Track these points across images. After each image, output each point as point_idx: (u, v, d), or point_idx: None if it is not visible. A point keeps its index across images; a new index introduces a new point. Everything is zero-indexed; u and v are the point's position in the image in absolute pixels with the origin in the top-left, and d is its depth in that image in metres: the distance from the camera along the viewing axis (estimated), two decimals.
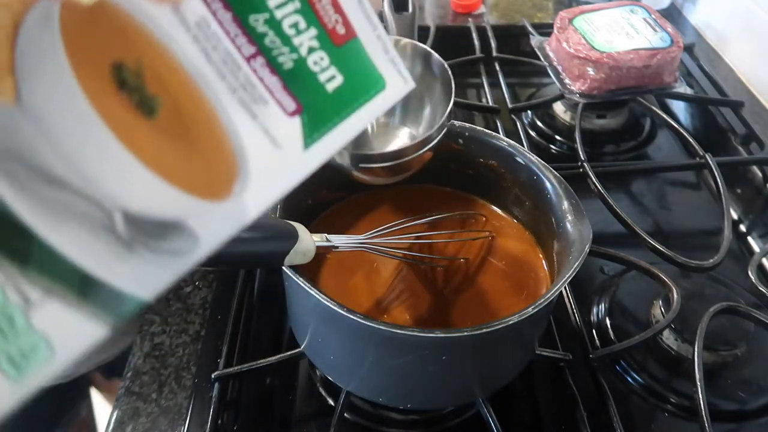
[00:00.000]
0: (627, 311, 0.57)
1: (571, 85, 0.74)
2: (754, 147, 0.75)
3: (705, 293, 0.56)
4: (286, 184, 0.25)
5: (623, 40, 0.73)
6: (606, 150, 0.78)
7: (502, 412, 0.46)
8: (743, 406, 0.51)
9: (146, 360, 0.53)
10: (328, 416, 0.46)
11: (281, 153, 0.24)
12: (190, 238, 0.22)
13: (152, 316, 0.56)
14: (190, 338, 0.54)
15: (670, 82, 0.74)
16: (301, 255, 0.40)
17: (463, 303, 0.47)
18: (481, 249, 0.51)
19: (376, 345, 0.41)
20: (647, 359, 0.53)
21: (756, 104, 0.80)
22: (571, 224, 0.44)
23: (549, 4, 1.05)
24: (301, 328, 0.47)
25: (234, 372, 0.49)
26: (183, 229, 0.22)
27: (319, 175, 0.50)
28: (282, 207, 0.44)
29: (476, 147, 0.52)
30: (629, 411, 0.50)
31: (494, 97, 0.81)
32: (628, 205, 0.70)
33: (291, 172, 0.25)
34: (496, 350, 0.42)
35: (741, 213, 0.70)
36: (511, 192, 0.52)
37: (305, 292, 0.39)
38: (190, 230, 0.22)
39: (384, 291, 0.48)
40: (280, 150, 0.24)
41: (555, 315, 0.54)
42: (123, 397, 0.50)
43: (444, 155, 0.53)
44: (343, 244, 0.43)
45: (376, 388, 0.45)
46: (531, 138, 0.79)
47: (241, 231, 0.24)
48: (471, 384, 0.45)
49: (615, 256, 0.57)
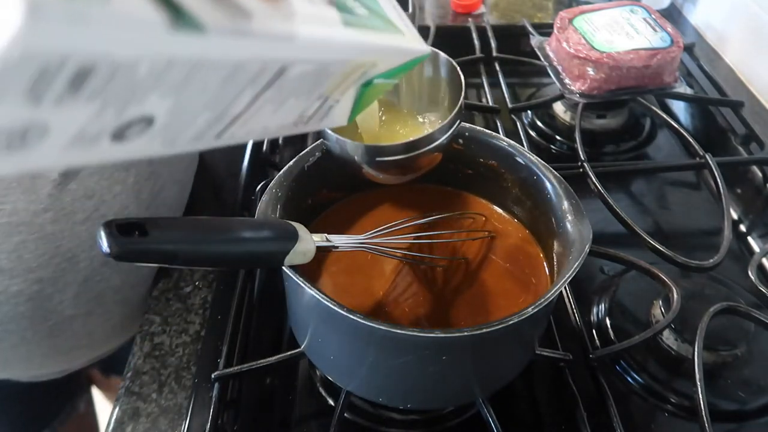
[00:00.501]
0: (627, 311, 0.57)
1: (571, 85, 0.74)
2: (754, 147, 0.75)
3: (705, 293, 0.56)
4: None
5: (623, 40, 0.73)
6: (606, 150, 0.78)
7: (502, 412, 0.46)
8: (743, 406, 0.51)
9: (146, 360, 0.53)
10: (328, 416, 0.46)
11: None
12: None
13: (152, 316, 0.56)
14: (190, 338, 0.54)
15: (670, 82, 0.74)
16: (301, 255, 0.40)
17: (463, 303, 0.47)
18: (481, 249, 0.51)
19: (376, 345, 0.41)
20: (647, 359, 0.53)
21: (756, 104, 0.80)
22: (571, 224, 0.44)
23: (549, 4, 1.05)
24: (301, 328, 0.47)
25: (234, 372, 0.49)
26: None
27: (319, 175, 0.50)
28: (282, 207, 0.44)
29: (476, 147, 0.52)
30: (629, 411, 0.50)
31: (494, 97, 0.81)
32: (628, 205, 0.70)
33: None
34: (496, 350, 0.42)
35: (741, 213, 0.70)
36: (511, 192, 0.52)
37: (305, 292, 0.39)
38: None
39: (384, 291, 0.48)
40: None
41: (555, 315, 0.54)
42: (123, 397, 0.50)
43: (444, 155, 0.53)
44: (343, 244, 0.43)
45: (376, 388, 0.45)
46: (531, 138, 0.79)
47: (241, 231, 0.24)
48: (471, 384, 0.45)
49: (615, 256, 0.57)
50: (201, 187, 0.68)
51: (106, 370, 0.83)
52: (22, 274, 0.50)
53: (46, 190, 0.49)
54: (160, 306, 0.57)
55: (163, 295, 0.58)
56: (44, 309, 0.53)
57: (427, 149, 0.43)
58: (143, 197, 0.56)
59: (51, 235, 0.50)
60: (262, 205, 0.44)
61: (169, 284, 0.59)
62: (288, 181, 0.46)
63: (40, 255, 0.50)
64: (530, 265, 0.50)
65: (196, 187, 0.67)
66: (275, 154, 0.75)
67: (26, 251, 0.50)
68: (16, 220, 0.48)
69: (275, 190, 0.45)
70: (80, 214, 0.51)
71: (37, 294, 0.52)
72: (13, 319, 0.52)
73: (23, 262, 0.50)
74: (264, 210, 0.43)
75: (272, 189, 0.45)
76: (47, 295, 0.52)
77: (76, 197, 0.51)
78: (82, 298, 0.55)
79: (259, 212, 0.43)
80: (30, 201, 0.49)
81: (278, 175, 0.46)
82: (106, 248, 0.32)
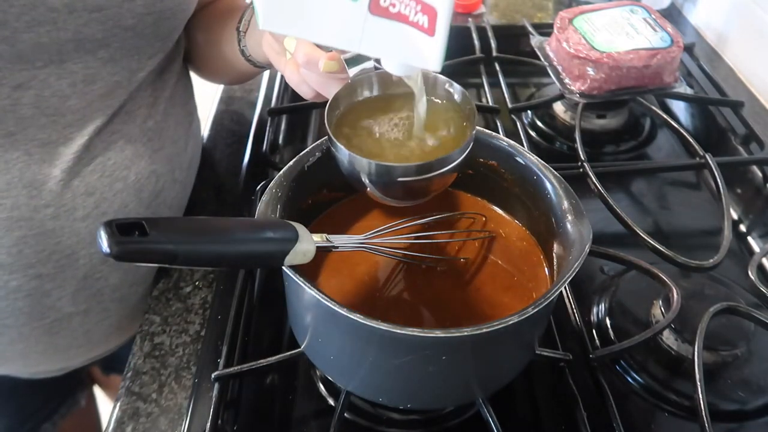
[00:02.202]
0: (627, 311, 0.57)
1: (571, 85, 0.74)
2: (754, 147, 0.75)
3: (705, 293, 0.56)
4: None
5: (623, 40, 0.73)
6: (606, 150, 0.78)
7: (502, 412, 0.46)
8: (743, 406, 0.51)
9: (146, 360, 0.53)
10: (328, 416, 0.46)
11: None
12: None
13: (152, 316, 0.56)
14: (190, 338, 0.54)
15: (670, 82, 0.74)
16: (301, 255, 0.40)
17: (463, 303, 0.47)
18: (481, 249, 0.51)
19: (376, 345, 0.41)
20: (647, 359, 0.53)
21: (756, 104, 0.80)
22: (571, 224, 0.44)
23: (549, 4, 1.05)
24: (301, 328, 0.47)
25: (234, 372, 0.49)
26: None
27: (319, 175, 0.50)
28: (282, 207, 0.44)
29: (476, 147, 0.51)
30: (629, 411, 0.50)
31: (494, 97, 0.81)
32: (628, 205, 0.70)
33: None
34: (496, 350, 0.42)
35: (741, 213, 0.70)
36: (511, 192, 0.52)
37: (305, 292, 0.39)
38: None
39: (384, 291, 0.48)
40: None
41: (555, 315, 0.54)
42: (123, 397, 0.50)
43: None
44: (343, 244, 0.43)
45: (376, 388, 0.45)
46: (531, 138, 0.79)
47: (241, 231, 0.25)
48: (471, 384, 0.45)
49: (615, 256, 0.57)
50: (201, 187, 0.68)
51: (107, 368, 0.83)
52: (21, 269, 0.50)
53: (48, 186, 0.49)
54: (160, 306, 0.57)
55: (163, 295, 0.58)
56: (42, 305, 0.53)
57: (443, 171, 0.42)
58: (144, 196, 0.56)
59: (51, 231, 0.50)
60: (262, 205, 0.44)
61: (169, 284, 0.59)
62: (288, 181, 0.46)
63: (40, 251, 0.50)
64: (530, 265, 0.50)
65: (196, 187, 0.67)
66: (275, 154, 0.75)
67: (26, 246, 0.50)
68: (17, 215, 0.48)
69: (275, 190, 0.45)
70: (80, 211, 0.51)
71: (35, 290, 0.52)
72: (12, 314, 0.52)
73: (23, 257, 0.50)
74: (264, 210, 0.43)
75: (272, 189, 0.45)
76: (46, 292, 0.52)
77: (77, 194, 0.51)
78: (81, 296, 0.55)
79: (259, 212, 0.43)
80: (31, 197, 0.49)
81: (278, 175, 0.46)
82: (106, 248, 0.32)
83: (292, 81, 0.47)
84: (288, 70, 0.47)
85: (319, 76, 0.44)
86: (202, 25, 0.63)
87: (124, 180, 0.54)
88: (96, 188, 0.52)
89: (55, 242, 0.51)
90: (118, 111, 0.53)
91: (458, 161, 0.43)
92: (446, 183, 0.47)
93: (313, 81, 0.45)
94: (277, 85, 0.84)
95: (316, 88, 0.46)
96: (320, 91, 0.46)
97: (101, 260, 0.54)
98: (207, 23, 0.63)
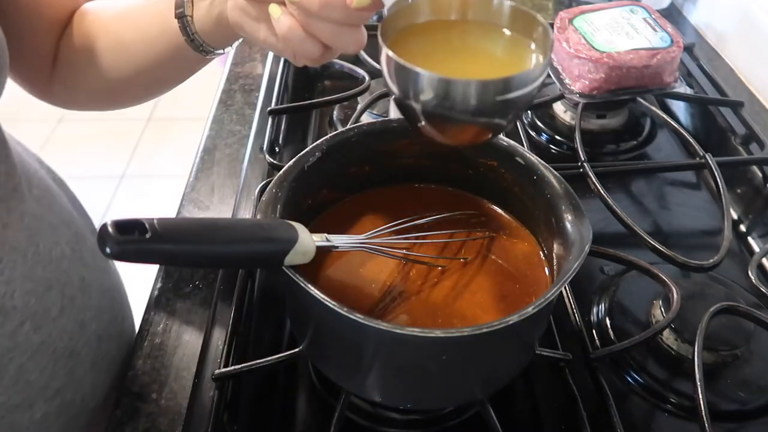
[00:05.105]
0: (627, 311, 0.57)
1: (571, 85, 0.74)
2: (754, 147, 0.75)
3: (705, 293, 0.56)
4: None
5: (623, 40, 0.73)
6: (606, 150, 0.78)
7: (502, 412, 0.46)
8: (743, 406, 0.51)
9: (146, 360, 0.53)
10: (328, 416, 0.46)
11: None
12: None
13: (152, 316, 0.56)
14: (190, 338, 0.54)
15: (670, 82, 0.74)
16: (301, 255, 0.40)
17: (463, 303, 0.47)
18: (481, 249, 0.51)
19: (376, 345, 0.41)
20: (647, 359, 0.53)
21: (756, 104, 0.80)
22: (571, 224, 0.44)
23: (549, 4, 1.05)
24: (301, 328, 0.47)
25: (234, 372, 0.49)
26: None
27: (319, 175, 0.50)
28: (282, 207, 0.44)
29: (476, 147, 0.52)
30: (629, 411, 0.50)
31: None
32: (628, 205, 0.70)
33: None
34: (496, 350, 0.42)
35: (741, 213, 0.70)
36: (511, 192, 0.52)
37: (305, 292, 0.39)
38: None
39: (384, 291, 0.48)
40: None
41: (555, 315, 0.54)
42: (123, 397, 0.50)
43: (444, 155, 0.53)
44: (343, 244, 0.43)
45: (376, 388, 0.45)
46: (531, 138, 0.78)
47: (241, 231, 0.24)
48: (471, 384, 0.45)
49: (615, 256, 0.57)
50: (201, 187, 0.68)
51: None
52: None
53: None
54: (160, 306, 0.57)
55: (163, 295, 0.58)
56: None
57: (525, 90, 0.37)
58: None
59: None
60: (262, 205, 0.44)
61: (169, 284, 0.59)
62: (288, 181, 0.46)
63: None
64: (530, 265, 0.50)
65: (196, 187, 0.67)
66: (275, 154, 0.75)
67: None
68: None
69: (275, 190, 0.45)
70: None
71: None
72: None
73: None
74: (264, 210, 0.43)
75: (272, 189, 0.45)
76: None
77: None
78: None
79: (259, 212, 0.43)
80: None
81: (278, 175, 0.46)
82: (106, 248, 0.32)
83: (290, 40, 0.38)
84: (276, 30, 0.38)
85: (332, 24, 0.37)
86: (102, 46, 0.52)
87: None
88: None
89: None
90: None
91: (539, 80, 0.38)
92: (503, 126, 0.41)
93: (324, 31, 0.37)
94: (277, 85, 0.84)
95: (328, 40, 0.38)
96: (333, 42, 0.38)
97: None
98: (113, 40, 0.52)
